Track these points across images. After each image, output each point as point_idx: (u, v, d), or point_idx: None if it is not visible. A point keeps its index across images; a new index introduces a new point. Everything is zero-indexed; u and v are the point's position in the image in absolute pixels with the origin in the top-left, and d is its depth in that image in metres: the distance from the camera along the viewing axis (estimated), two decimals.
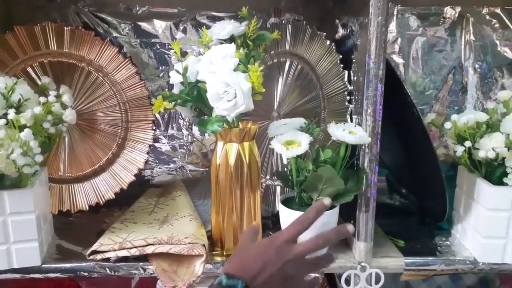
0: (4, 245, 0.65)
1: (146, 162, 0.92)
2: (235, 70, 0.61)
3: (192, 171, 1.07)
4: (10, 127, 0.61)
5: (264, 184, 0.87)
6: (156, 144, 1.03)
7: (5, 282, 0.89)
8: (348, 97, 0.75)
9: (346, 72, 0.76)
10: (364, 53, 0.65)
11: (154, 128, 0.92)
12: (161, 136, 1.04)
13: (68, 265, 0.69)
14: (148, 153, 0.92)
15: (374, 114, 0.64)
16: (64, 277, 0.69)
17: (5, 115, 0.61)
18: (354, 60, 0.73)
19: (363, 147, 0.66)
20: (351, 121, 0.73)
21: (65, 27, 0.86)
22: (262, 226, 0.74)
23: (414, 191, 0.89)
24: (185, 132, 1.05)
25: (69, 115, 0.70)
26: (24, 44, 0.84)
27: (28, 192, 0.64)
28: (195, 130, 1.05)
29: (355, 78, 0.71)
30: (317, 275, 0.75)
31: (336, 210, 0.67)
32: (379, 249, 0.72)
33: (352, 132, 0.62)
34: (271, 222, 0.83)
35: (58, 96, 0.72)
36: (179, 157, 1.05)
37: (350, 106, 0.74)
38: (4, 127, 0.60)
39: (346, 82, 0.75)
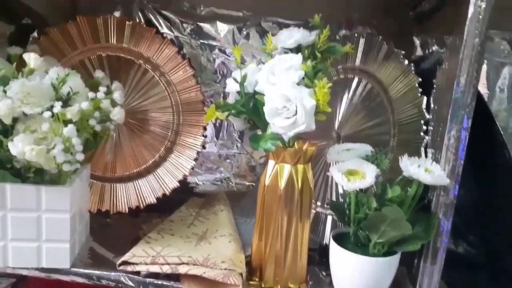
0: (35, 242, 0.62)
1: (192, 168, 0.87)
2: (298, 84, 0.54)
3: (237, 184, 1.01)
4: (55, 120, 0.58)
5: (314, 211, 0.79)
6: (204, 151, 0.98)
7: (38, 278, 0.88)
8: (424, 127, 0.66)
9: (425, 98, 0.66)
10: (450, 79, 0.56)
11: (204, 134, 0.87)
12: (210, 144, 0.99)
13: (97, 272, 0.65)
14: (195, 159, 0.87)
15: (457, 152, 0.54)
16: (90, 283, 0.65)
17: (52, 108, 0.58)
18: (435, 86, 0.63)
19: (438, 188, 0.56)
20: (426, 155, 0.63)
21: (126, 21, 0.83)
22: (307, 259, 0.66)
23: (488, 240, 0.77)
24: (234, 142, 0.99)
25: (117, 114, 0.66)
26: (84, 35, 0.83)
27: (65, 190, 0.61)
28: (245, 141, 0.99)
29: (436, 106, 0.62)
30: None
31: (396, 258, 0.58)
32: None
33: (428, 170, 0.53)
34: (317, 255, 0.75)
35: (108, 93, 0.69)
36: (226, 167, 1.00)
37: (426, 137, 0.64)
38: (49, 120, 0.57)
39: (424, 110, 0.66)
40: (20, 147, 0.54)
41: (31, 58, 0.60)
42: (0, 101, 0.54)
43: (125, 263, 0.64)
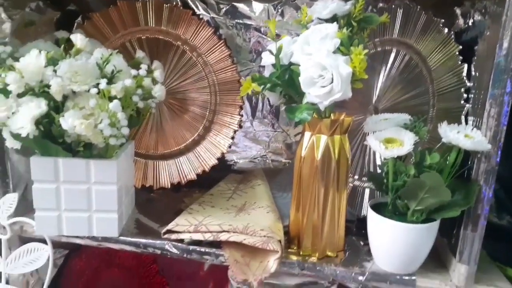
0: (86, 212, 0.67)
1: (230, 146, 0.90)
2: (334, 52, 0.54)
3: (274, 161, 1.02)
4: (101, 97, 0.61)
5: (351, 184, 0.79)
6: (241, 130, 1.00)
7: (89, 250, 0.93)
8: (464, 95, 0.64)
9: (466, 65, 0.65)
10: (493, 44, 0.54)
11: (241, 113, 0.89)
12: (247, 122, 1.01)
13: (143, 240, 0.69)
14: (232, 138, 0.89)
15: (499, 118, 0.53)
16: (138, 251, 0.69)
17: (98, 85, 0.61)
18: (476, 53, 0.62)
19: (479, 155, 0.55)
20: (466, 123, 0.62)
21: (164, 4, 0.86)
22: (345, 230, 0.67)
23: None
24: (270, 120, 1.01)
25: (158, 91, 0.69)
26: (125, 19, 0.86)
27: (112, 164, 0.65)
28: (281, 119, 1.00)
29: (477, 73, 0.61)
30: None
31: (435, 225, 0.58)
32: (482, 276, 0.62)
33: (468, 136, 0.52)
34: (355, 226, 0.76)
35: (149, 71, 0.71)
36: (263, 145, 1.02)
37: (467, 105, 0.63)
38: (95, 97, 0.60)
39: (464, 78, 0.64)
40: (70, 122, 0.58)
41: (78, 39, 0.63)
42: (52, 80, 0.58)
43: (169, 231, 0.67)
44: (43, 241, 0.71)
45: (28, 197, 0.75)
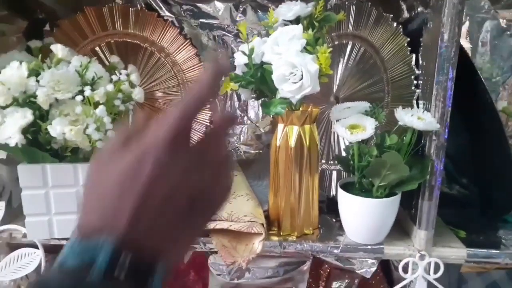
0: (76, 214, 0.69)
1: None
2: (301, 51, 0.60)
3: (245, 152, 1.08)
4: (85, 103, 0.64)
5: (319, 168, 0.86)
6: (212, 125, 1.05)
7: None
8: (414, 82, 0.73)
9: (414, 55, 0.73)
10: (435, 36, 0.62)
11: None
12: None
13: None
14: (204, 133, 0.94)
15: (444, 100, 0.62)
16: None
17: (80, 92, 0.64)
18: (422, 44, 0.70)
19: (430, 134, 0.64)
20: (417, 106, 0.71)
21: (130, 8, 0.88)
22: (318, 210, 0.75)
23: (477, 181, 0.86)
24: (240, 113, 1.06)
25: (138, 94, 0.73)
26: (93, 24, 0.88)
27: None
28: (250, 112, 1.06)
29: (424, 62, 0.69)
30: None
31: (397, 198, 0.66)
32: (439, 239, 0.71)
33: (420, 118, 0.61)
34: (325, 206, 0.84)
35: (127, 75, 0.75)
36: (234, 138, 1.07)
37: (417, 91, 0.72)
38: (80, 104, 0.63)
39: (413, 66, 0.73)
40: (59, 129, 0.61)
41: (59, 49, 0.66)
42: (38, 90, 0.61)
43: None
44: (32, 246, 0.74)
45: (13, 204, 0.77)
